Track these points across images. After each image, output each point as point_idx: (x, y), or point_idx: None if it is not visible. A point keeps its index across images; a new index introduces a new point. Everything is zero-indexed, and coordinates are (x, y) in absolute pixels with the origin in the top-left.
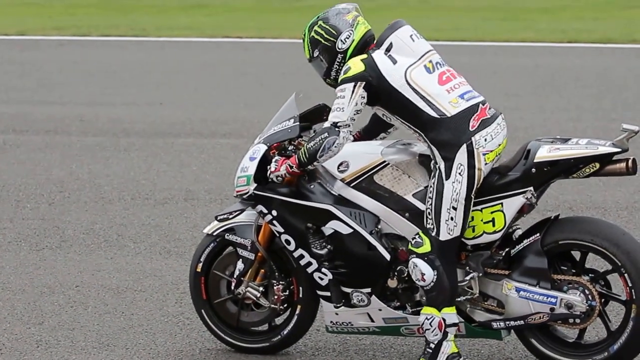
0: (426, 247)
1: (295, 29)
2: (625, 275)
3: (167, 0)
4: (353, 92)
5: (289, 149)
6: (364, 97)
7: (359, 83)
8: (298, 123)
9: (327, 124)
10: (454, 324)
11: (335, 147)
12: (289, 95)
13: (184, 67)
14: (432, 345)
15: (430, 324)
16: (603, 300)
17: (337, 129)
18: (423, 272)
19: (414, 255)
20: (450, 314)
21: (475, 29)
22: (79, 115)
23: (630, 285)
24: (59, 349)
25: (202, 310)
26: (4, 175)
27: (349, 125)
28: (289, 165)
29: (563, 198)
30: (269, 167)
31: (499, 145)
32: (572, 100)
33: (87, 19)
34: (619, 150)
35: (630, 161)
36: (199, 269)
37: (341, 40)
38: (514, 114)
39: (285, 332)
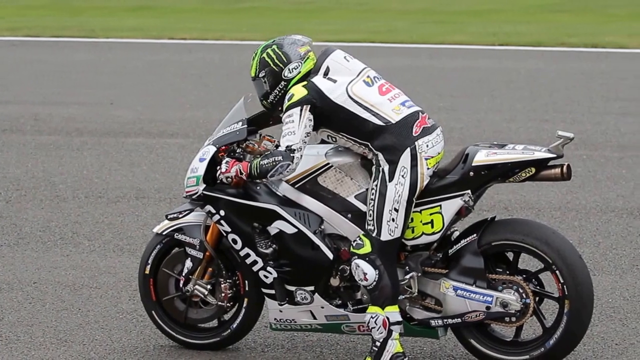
0: (367, 248)
1: (237, 30)
2: (557, 272)
3: (114, 2)
4: (301, 115)
5: (237, 151)
6: (311, 120)
7: (304, 106)
8: (246, 126)
9: (281, 148)
10: (398, 322)
11: (287, 172)
12: (234, 96)
13: (132, 67)
14: (378, 344)
15: (375, 322)
16: (537, 298)
17: (291, 155)
18: (365, 272)
19: (356, 257)
20: (393, 312)
21: (409, 31)
22: (33, 114)
23: (562, 281)
24: (19, 344)
25: (153, 312)
26: None
27: (301, 149)
28: (240, 170)
29: (498, 198)
30: (218, 167)
31: (438, 153)
32: (505, 101)
33: (39, 20)
34: (555, 156)
35: (565, 167)
36: (147, 271)
37: (289, 69)
38: (449, 114)
39: (234, 326)
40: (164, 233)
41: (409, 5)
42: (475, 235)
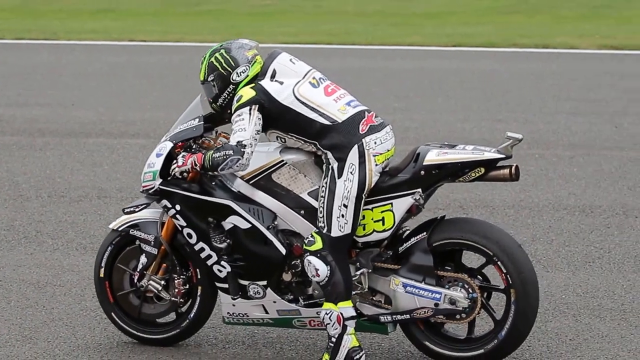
0: (318, 245)
1: (196, 32)
2: (499, 263)
3: (76, 5)
4: (250, 114)
5: (194, 147)
6: (260, 119)
7: (253, 106)
8: (202, 123)
9: (232, 142)
10: (352, 317)
11: (237, 166)
12: (194, 97)
13: (93, 69)
14: (334, 340)
15: (329, 318)
16: (485, 294)
17: (242, 150)
18: (317, 268)
19: (308, 253)
20: (347, 307)
21: (366, 33)
22: None
23: (505, 272)
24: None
25: (112, 313)
26: None
27: (252, 145)
28: (195, 162)
29: (453, 197)
30: (174, 162)
31: (388, 150)
32: (459, 101)
33: (1, 22)
34: (504, 156)
35: (513, 168)
36: (102, 275)
37: (237, 73)
38: (405, 115)
39: (192, 316)
40: (119, 229)
41: (365, 8)
42: (425, 233)
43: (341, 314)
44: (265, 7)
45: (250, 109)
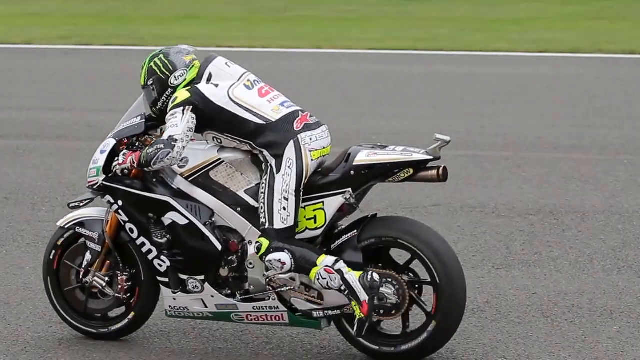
0: (265, 244)
1: (282, 39)
2: (425, 258)
3: (163, 11)
4: (183, 114)
5: (136, 145)
6: (193, 119)
7: (187, 107)
8: (144, 121)
9: (164, 137)
10: (337, 261)
11: (168, 159)
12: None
13: None
14: (343, 287)
15: (323, 278)
16: (417, 290)
17: (172, 143)
18: (279, 259)
19: (264, 257)
20: (324, 259)
21: (451, 39)
22: (86, 121)
23: (431, 266)
24: (80, 347)
25: (59, 307)
26: (19, 179)
27: (183, 141)
28: (133, 160)
29: (543, 202)
30: (116, 159)
31: (324, 148)
32: (546, 107)
33: (89, 29)
34: (432, 158)
35: (441, 169)
36: (50, 265)
37: (174, 77)
38: (493, 120)
39: (136, 310)
40: (66, 226)
41: (449, 13)
42: (355, 231)
43: (325, 266)
44: (350, 13)
45: (183, 109)
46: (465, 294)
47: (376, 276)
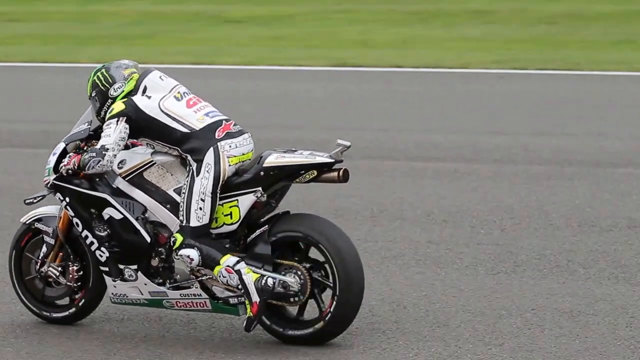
0: (179, 240)
1: None
2: (324, 251)
3: (597, 36)
4: (117, 124)
5: (85, 149)
6: (126, 129)
7: (120, 118)
8: (89, 127)
9: (97, 146)
10: (237, 262)
11: (99, 167)
12: None
13: (618, 100)
14: (240, 286)
15: (224, 276)
16: (320, 287)
17: (103, 152)
18: (188, 255)
19: (177, 251)
20: (227, 259)
21: None
22: (523, 145)
23: (330, 259)
24: None
25: (21, 294)
26: (457, 201)
27: (114, 149)
28: (75, 162)
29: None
30: (63, 160)
31: (243, 154)
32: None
33: (524, 53)
34: (334, 161)
35: (341, 171)
36: (13, 259)
37: (114, 89)
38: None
39: (86, 297)
40: (27, 222)
41: None
42: (267, 226)
43: (227, 266)
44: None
45: (117, 120)
46: (360, 298)
47: (270, 281)
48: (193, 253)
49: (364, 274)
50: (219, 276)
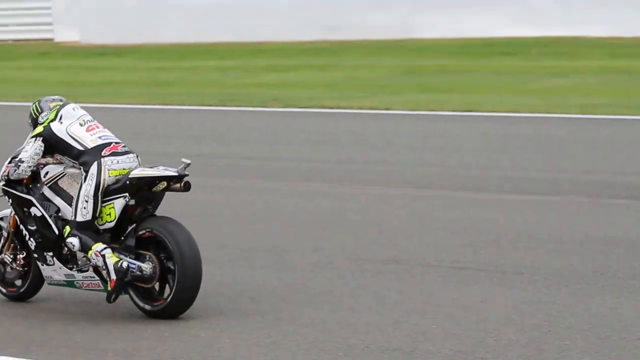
0: (68, 230)
1: None
2: (169, 245)
3: None
4: (34, 143)
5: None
6: (41, 147)
7: (37, 138)
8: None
9: (17, 158)
10: (104, 248)
11: (16, 174)
12: None
13: None
14: (104, 266)
15: (93, 259)
16: (168, 273)
17: (19, 164)
18: (72, 242)
19: (66, 239)
20: (97, 246)
21: None
22: None
23: (173, 251)
24: None
25: None
26: None
27: (29, 162)
28: (3, 171)
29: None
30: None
31: (124, 169)
32: None
33: None
34: (178, 175)
35: (183, 183)
36: None
37: (41, 117)
38: None
39: (30, 279)
40: None
41: None
42: (135, 225)
43: (96, 251)
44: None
45: (35, 140)
46: (196, 283)
47: (125, 264)
48: (75, 241)
49: (201, 264)
50: (91, 258)
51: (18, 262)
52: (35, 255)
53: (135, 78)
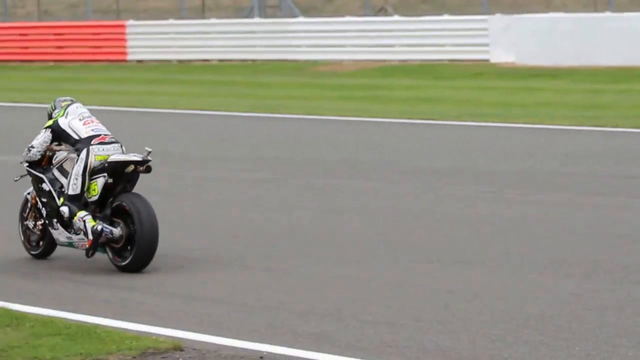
0: (61, 200)
1: None
2: (133, 213)
3: None
4: (44, 133)
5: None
6: (49, 136)
7: (47, 129)
8: (51, 135)
9: (30, 145)
10: (85, 215)
11: (28, 157)
12: None
13: None
14: (83, 228)
15: (77, 222)
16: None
17: (31, 149)
18: (63, 210)
19: (60, 208)
20: (80, 213)
21: None
22: None
23: (135, 219)
24: None
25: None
26: None
27: (38, 148)
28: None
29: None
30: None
31: (107, 155)
32: None
33: None
34: (142, 160)
35: (145, 166)
36: (20, 220)
37: (54, 113)
38: None
39: (47, 240)
40: (25, 194)
41: None
42: (111, 198)
43: (79, 217)
44: None
45: (45, 130)
46: (151, 247)
47: (99, 228)
48: (65, 209)
49: (157, 230)
50: (76, 222)
51: (37, 227)
52: (47, 222)
53: (569, 100)
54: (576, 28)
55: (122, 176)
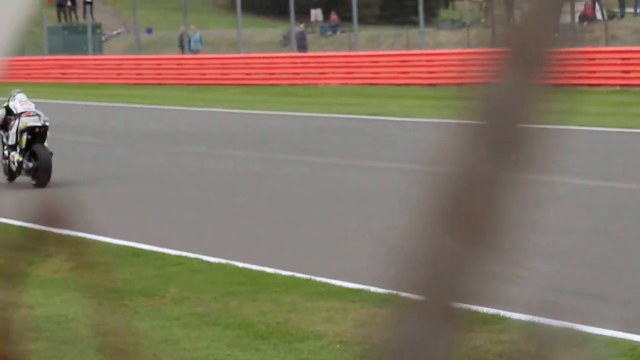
0: (5, 147)
1: None
2: (37, 153)
3: None
4: (1, 110)
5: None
6: (3, 112)
7: (2, 108)
8: (4, 111)
9: None
10: (16, 154)
11: None
12: None
13: None
14: (14, 162)
15: (12, 158)
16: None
17: None
18: (5, 153)
19: (5, 152)
20: (13, 153)
21: None
22: None
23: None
24: None
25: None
26: None
27: None
28: None
29: None
30: None
31: (33, 124)
32: None
33: None
34: (42, 125)
35: (43, 128)
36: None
37: (9, 99)
38: None
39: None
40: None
41: None
42: (32, 147)
43: (12, 155)
44: None
45: (1, 109)
46: (46, 176)
47: (20, 160)
48: (7, 152)
49: (51, 166)
50: (11, 158)
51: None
52: (4, 155)
53: None
54: None
55: (35, 133)
